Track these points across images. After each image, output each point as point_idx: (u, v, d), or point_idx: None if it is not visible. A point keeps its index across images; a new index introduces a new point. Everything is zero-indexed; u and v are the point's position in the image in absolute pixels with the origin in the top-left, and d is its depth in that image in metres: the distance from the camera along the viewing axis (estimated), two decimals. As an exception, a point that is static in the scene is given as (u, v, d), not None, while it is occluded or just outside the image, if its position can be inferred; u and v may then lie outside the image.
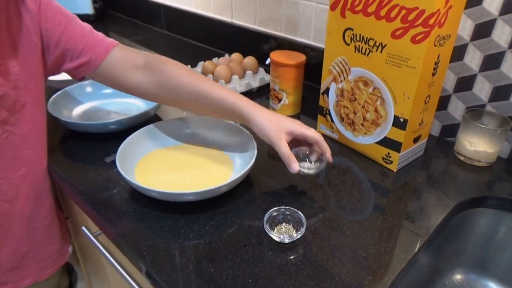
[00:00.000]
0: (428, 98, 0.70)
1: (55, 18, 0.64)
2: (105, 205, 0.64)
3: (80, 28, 0.67)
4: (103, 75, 0.69)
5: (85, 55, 0.66)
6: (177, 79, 0.66)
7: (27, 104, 0.65)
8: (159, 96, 0.70)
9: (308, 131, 0.63)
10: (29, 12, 0.61)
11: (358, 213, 0.64)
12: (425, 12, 0.59)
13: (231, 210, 0.64)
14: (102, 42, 0.68)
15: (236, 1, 1.22)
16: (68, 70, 0.69)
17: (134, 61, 0.68)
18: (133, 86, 0.69)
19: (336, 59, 0.75)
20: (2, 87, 0.60)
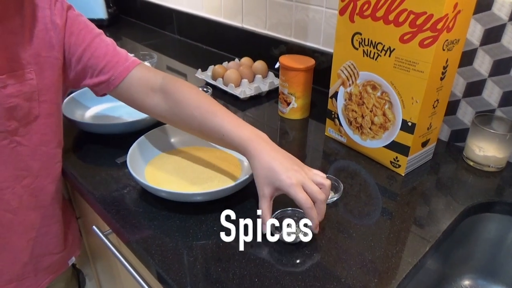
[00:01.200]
0: (437, 102, 0.70)
1: (80, 34, 0.65)
2: (116, 205, 0.66)
3: (104, 45, 0.68)
4: (122, 94, 0.70)
5: (106, 74, 0.67)
6: (188, 110, 0.65)
7: (40, 116, 0.65)
8: (172, 122, 0.70)
9: (296, 194, 0.54)
10: (54, 27, 0.62)
11: (365, 217, 0.64)
12: (433, 17, 0.60)
13: (239, 211, 0.65)
14: (124, 62, 0.68)
15: (246, 6, 1.24)
16: (88, 86, 0.70)
17: (151, 84, 0.68)
18: (149, 108, 0.70)
19: (345, 63, 0.76)
20: (15, 99, 0.60)
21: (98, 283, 1.10)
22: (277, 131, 0.91)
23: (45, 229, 0.73)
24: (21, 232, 0.69)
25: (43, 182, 0.69)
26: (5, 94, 0.58)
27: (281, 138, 0.89)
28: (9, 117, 0.60)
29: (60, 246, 0.78)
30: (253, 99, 1.05)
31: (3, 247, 0.67)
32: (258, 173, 0.58)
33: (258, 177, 0.58)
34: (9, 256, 0.69)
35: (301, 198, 0.54)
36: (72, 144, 0.84)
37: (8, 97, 0.59)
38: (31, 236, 0.71)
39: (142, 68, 0.70)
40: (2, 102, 0.59)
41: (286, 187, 0.55)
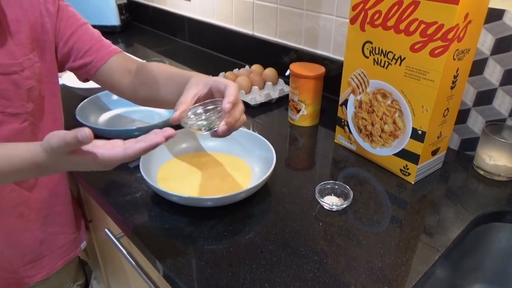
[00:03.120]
0: (447, 111, 0.70)
1: (68, 20, 0.71)
2: (128, 209, 0.67)
3: (90, 33, 0.74)
4: (103, 76, 0.75)
5: (89, 56, 0.73)
6: (153, 72, 0.71)
7: (46, 97, 0.70)
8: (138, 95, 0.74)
9: (221, 78, 0.59)
10: (49, 13, 0.68)
11: (375, 224, 0.65)
12: (444, 27, 0.60)
13: (249, 216, 0.65)
14: (107, 48, 0.75)
15: (257, 14, 1.25)
16: (72, 69, 0.75)
17: (128, 67, 0.75)
18: (124, 88, 0.75)
19: (355, 72, 0.77)
20: (30, 80, 0.65)
21: (107, 285, 1.11)
22: (286, 138, 0.92)
23: (57, 208, 0.77)
24: (38, 209, 0.74)
25: None
26: (23, 77, 0.64)
27: (290, 145, 0.89)
28: (28, 99, 0.66)
29: (72, 228, 0.82)
30: (263, 106, 1.06)
31: (23, 227, 0.72)
32: (194, 79, 0.60)
33: (191, 82, 0.60)
34: (29, 235, 0.73)
35: (228, 81, 0.57)
36: (86, 148, 0.85)
37: (26, 79, 0.65)
38: (46, 213, 0.75)
39: (123, 54, 0.76)
40: (22, 85, 0.64)
41: (214, 79, 0.58)
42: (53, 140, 0.45)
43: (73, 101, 1.00)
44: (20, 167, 0.50)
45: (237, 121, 0.54)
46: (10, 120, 0.65)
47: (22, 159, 0.50)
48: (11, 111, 0.64)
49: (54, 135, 0.45)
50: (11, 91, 0.64)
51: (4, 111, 0.64)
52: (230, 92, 0.54)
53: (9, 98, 0.64)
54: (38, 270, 0.76)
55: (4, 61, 0.62)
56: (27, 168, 0.50)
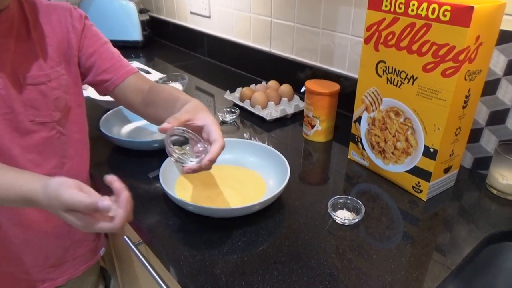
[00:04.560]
0: (459, 130, 0.72)
1: (92, 39, 0.76)
2: (147, 217, 0.70)
3: (110, 52, 0.79)
4: (119, 94, 0.80)
5: (108, 74, 0.77)
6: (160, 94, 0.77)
7: (72, 107, 0.75)
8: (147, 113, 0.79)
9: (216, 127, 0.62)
10: (75, 30, 0.73)
11: (386, 240, 0.66)
12: (455, 48, 0.62)
13: (263, 228, 0.68)
14: (125, 67, 0.79)
15: (275, 32, 1.29)
16: (91, 83, 0.80)
17: (142, 88, 0.79)
18: (136, 106, 0.80)
19: (369, 90, 0.79)
20: (57, 91, 0.70)
21: (122, 293, 1.13)
22: (301, 153, 0.94)
23: None
24: None
25: (79, 166, 0.79)
26: (51, 87, 0.69)
27: (304, 160, 0.92)
28: (55, 108, 0.71)
29: (94, 234, 0.86)
30: (279, 121, 1.08)
31: (50, 232, 0.75)
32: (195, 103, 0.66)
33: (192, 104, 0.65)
34: (54, 241, 0.77)
35: (220, 134, 0.61)
36: (107, 157, 0.89)
37: (53, 90, 0.70)
38: None
39: (138, 74, 0.82)
40: (49, 94, 0.69)
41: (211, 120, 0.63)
42: (66, 195, 0.48)
43: (97, 112, 1.05)
44: (10, 198, 0.54)
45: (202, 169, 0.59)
46: (39, 128, 0.69)
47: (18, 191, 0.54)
48: (39, 120, 0.69)
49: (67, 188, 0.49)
50: (39, 100, 0.68)
51: (33, 120, 0.68)
52: (215, 149, 0.59)
53: (38, 107, 0.68)
54: (59, 274, 0.80)
55: (33, 72, 0.67)
56: (17, 200, 0.54)
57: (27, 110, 0.67)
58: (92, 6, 1.61)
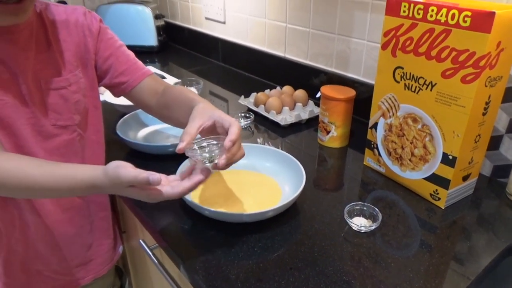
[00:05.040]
0: (478, 137, 0.71)
1: (108, 42, 0.77)
2: (163, 221, 0.70)
3: (126, 54, 0.80)
4: (135, 95, 0.81)
5: (124, 77, 0.79)
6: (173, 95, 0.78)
7: (89, 110, 0.76)
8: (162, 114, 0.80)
9: (226, 115, 0.63)
10: (91, 34, 0.74)
11: (403, 248, 0.65)
12: (476, 54, 0.62)
13: (278, 234, 0.67)
14: (140, 69, 0.81)
15: (289, 37, 1.29)
16: (107, 86, 0.81)
17: (157, 88, 0.81)
18: (151, 107, 0.81)
19: (386, 96, 0.78)
20: (76, 94, 0.72)
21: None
22: (315, 158, 0.94)
23: (100, 214, 0.83)
24: (87, 216, 0.80)
25: None
26: (71, 91, 0.71)
27: (319, 165, 0.91)
28: (75, 111, 0.72)
29: (114, 232, 0.88)
30: (293, 126, 1.08)
31: (74, 232, 0.78)
32: (195, 109, 0.65)
33: (196, 110, 0.65)
34: (78, 240, 0.79)
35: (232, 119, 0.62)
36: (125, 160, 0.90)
37: (73, 93, 0.71)
38: (92, 219, 0.81)
39: (153, 76, 0.83)
40: (70, 98, 0.71)
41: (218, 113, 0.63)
42: (124, 173, 0.53)
43: (113, 116, 1.06)
44: (77, 187, 0.57)
45: (234, 155, 0.60)
46: (61, 132, 0.71)
47: (81, 180, 0.56)
48: (61, 123, 0.70)
49: (123, 167, 0.53)
50: (61, 104, 0.70)
51: (55, 124, 0.70)
52: (233, 130, 0.60)
53: (59, 111, 0.70)
54: (86, 273, 0.82)
55: (54, 77, 0.69)
56: (83, 188, 0.57)
57: (50, 114, 0.69)
58: (109, 12, 1.63)
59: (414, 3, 0.68)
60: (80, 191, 0.59)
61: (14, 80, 0.64)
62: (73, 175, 0.57)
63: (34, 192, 0.61)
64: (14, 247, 0.72)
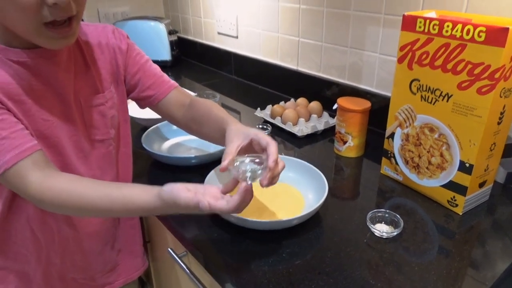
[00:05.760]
0: (494, 145, 0.74)
1: (135, 57, 0.81)
2: (192, 230, 0.73)
3: (153, 68, 0.84)
4: (162, 108, 0.84)
5: (152, 90, 0.82)
6: (200, 110, 0.81)
7: (121, 123, 0.80)
8: (190, 128, 0.84)
9: (262, 134, 0.66)
10: (120, 51, 0.78)
11: (422, 255, 0.67)
12: (491, 67, 0.65)
13: (304, 240, 0.70)
14: (167, 83, 0.84)
15: (302, 50, 1.33)
16: (135, 99, 0.84)
17: (184, 101, 0.84)
18: (178, 119, 0.85)
19: (402, 107, 0.82)
20: (112, 110, 0.76)
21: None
22: (332, 168, 0.97)
23: (129, 222, 0.87)
24: (117, 225, 0.84)
25: (125, 178, 0.84)
26: (107, 107, 0.75)
27: (336, 175, 0.94)
28: (111, 126, 0.76)
29: (140, 239, 0.92)
30: (309, 137, 1.11)
31: (107, 241, 0.82)
32: (230, 130, 0.69)
33: (228, 132, 0.68)
34: (110, 248, 0.84)
35: (267, 136, 0.65)
36: (147, 171, 0.94)
37: (109, 109, 0.75)
38: (121, 225, 0.85)
39: (179, 89, 0.86)
40: (107, 114, 0.75)
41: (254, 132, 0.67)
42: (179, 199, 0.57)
43: (135, 129, 1.10)
44: (132, 209, 0.62)
45: (278, 175, 0.63)
46: (99, 146, 0.75)
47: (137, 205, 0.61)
48: (99, 138, 0.74)
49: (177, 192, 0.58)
50: (99, 120, 0.74)
51: (94, 138, 0.73)
52: (273, 151, 0.62)
53: (97, 126, 0.74)
54: (115, 277, 0.86)
55: (92, 95, 0.72)
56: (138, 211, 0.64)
57: (89, 130, 0.73)
58: (124, 28, 1.68)
59: (430, 19, 0.72)
60: (134, 213, 0.64)
61: (58, 101, 0.67)
62: (129, 199, 0.61)
63: (87, 213, 0.65)
64: (53, 259, 0.75)
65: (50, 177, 0.60)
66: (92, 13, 1.80)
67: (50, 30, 0.58)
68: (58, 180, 0.61)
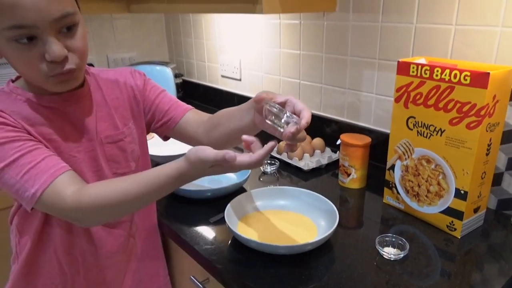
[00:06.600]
0: (484, 174, 0.83)
1: (151, 90, 0.87)
2: (214, 256, 0.79)
3: (168, 96, 0.89)
4: (181, 130, 0.87)
5: (168, 115, 0.86)
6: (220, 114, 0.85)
7: (141, 156, 0.86)
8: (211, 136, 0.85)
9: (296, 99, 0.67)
10: (138, 88, 0.85)
11: (425, 278, 0.73)
12: (477, 106, 0.75)
13: (320, 264, 0.76)
14: (182, 106, 0.89)
15: (303, 91, 1.44)
16: (156, 129, 0.89)
17: (201, 118, 0.87)
18: (199, 136, 0.86)
19: (401, 141, 0.91)
20: (131, 144, 0.82)
21: None
22: (337, 198, 1.04)
23: (152, 253, 0.93)
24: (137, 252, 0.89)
25: (147, 210, 0.89)
26: (127, 142, 0.81)
27: (341, 205, 1.01)
28: (131, 159, 0.82)
29: (164, 270, 0.97)
30: (314, 171, 1.20)
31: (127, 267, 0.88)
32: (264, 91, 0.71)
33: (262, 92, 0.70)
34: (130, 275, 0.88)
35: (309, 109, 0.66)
36: (168, 205, 1.00)
37: (129, 144, 0.82)
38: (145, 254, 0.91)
39: (196, 110, 0.91)
40: (127, 148, 0.81)
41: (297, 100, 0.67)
42: (204, 156, 0.61)
43: (151, 166, 1.17)
44: (166, 183, 0.65)
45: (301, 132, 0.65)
46: None
47: (167, 175, 0.65)
48: (120, 171, 0.80)
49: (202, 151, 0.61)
50: (119, 155, 0.80)
51: (116, 172, 0.80)
52: (307, 115, 0.64)
53: (118, 161, 0.80)
54: None
55: (112, 132, 0.79)
56: (172, 181, 0.65)
57: (110, 165, 0.79)
58: (133, 72, 1.79)
59: (421, 65, 0.83)
60: (169, 186, 0.66)
61: (83, 139, 0.75)
62: (158, 173, 0.65)
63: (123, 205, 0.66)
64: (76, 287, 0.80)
65: (84, 187, 0.66)
66: (102, 59, 1.91)
67: (54, 77, 0.65)
68: (91, 187, 0.66)
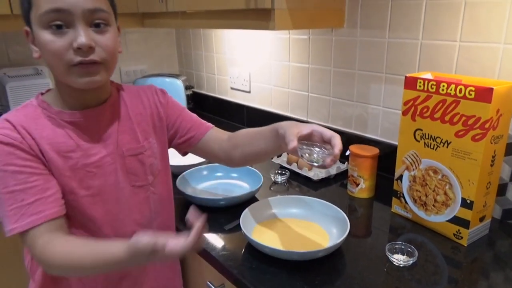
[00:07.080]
0: (489, 184, 0.86)
1: (173, 108, 0.91)
2: (230, 262, 0.83)
3: (189, 115, 0.94)
4: (202, 148, 0.92)
5: (190, 133, 0.91)
6: (241, 134, 0.90)
7: (161, 170, 0.88)
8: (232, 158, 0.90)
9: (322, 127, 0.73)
10: (161, 105, 0.89)
11: (433, 285, 0.76)
12: (481, 119, 0.79)
13: (332, 270, 0.80)
14: (204, 124, 0.94)
15: (311, 104, 1.49)
16: (177, 145, 0.93)
17: (222, 136, 0.92)
18: (219, 155, 0.92)
19: (409, 152, 0.95)
20: (151, 158, 0.85)
21: None
22: (346, 208, 1.08)
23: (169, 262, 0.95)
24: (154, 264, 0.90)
25: (166, 222, 0.92)
26: (146, 155, 0.84)
27: (350, 215, 1.05)
28: (149, 173, 0.85)
29: (180, 280, 0.99)
30: (323, 181, 1.23)
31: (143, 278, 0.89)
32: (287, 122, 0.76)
33: (286, 123, 0.75)
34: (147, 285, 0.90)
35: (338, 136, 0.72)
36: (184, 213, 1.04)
37: (148, 157, 0.84)
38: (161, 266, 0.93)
39: (217, 128, 0.95)
40: (146, 162, 0.84)
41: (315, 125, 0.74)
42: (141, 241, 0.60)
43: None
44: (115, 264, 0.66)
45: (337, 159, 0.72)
46: (138, 191, 0.83)
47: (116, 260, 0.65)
48: (138, 184, 0.83)
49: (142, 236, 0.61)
50: (138, 168, 0.83)
51: (134, 184, 0.83)
52: (338, 142, 0.71)
53: (137, 173, 0.83)
54: None
55: (132, 145, 0.82)
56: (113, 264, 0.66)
57: (129, 177, 0.82)
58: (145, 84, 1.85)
59: (428, 80, 0.87)
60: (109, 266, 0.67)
61: (103, 152, 0.78)
62: (112, 256, 0.65)
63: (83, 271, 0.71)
64: None
65: (51, 242, 0.68)
66: (115, 71, 1.96)
67: (77, 67, 0.68)
68: (57, 244, 0.68)
